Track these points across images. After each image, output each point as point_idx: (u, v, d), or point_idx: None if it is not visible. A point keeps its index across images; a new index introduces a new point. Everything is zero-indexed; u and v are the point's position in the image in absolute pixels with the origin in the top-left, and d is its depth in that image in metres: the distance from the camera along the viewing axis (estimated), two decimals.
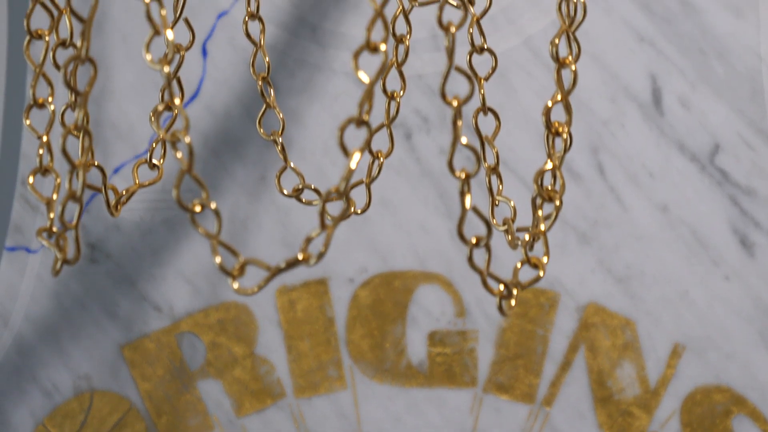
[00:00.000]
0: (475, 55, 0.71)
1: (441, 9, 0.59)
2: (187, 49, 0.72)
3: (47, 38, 0.65)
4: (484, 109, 0.70)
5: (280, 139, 0.75)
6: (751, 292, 0.95)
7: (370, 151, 0.74)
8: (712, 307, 0.96)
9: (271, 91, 0.74)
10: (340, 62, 0.97)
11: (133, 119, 0.97)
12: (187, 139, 0.56)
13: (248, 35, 0.74)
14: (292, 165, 0.75)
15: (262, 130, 0.74)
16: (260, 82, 0.74)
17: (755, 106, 0.95)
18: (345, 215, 0.60)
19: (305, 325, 0.99)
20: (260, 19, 0.74)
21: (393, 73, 0.73)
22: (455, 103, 0.59)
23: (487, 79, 0.71)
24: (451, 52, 0.58)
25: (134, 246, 0.98)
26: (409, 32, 0.73)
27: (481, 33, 0.71)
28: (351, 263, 0.98)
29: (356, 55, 0.57)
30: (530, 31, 0.96)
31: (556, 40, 0.65)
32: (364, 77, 0.56)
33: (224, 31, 0.97)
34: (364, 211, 0.73)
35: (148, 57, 0.58)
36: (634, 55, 0.95)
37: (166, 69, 0.57)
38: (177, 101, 0.58)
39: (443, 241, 0.97)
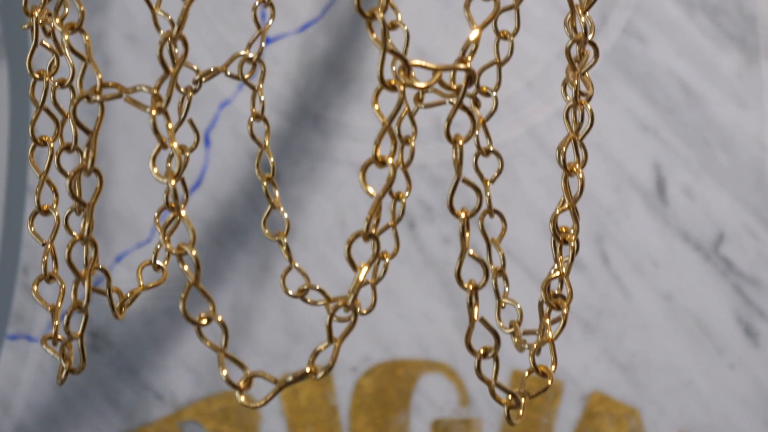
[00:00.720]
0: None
1: (449, 122, 0.59)
2: (192, 150, 0.72)
3: (51, 144, 0.65)
4: (490, 211, 0.70)
5: (285, 239, 0.74)
6: (756, 381, 0.95)
7: (376, 240, 0.74)
8: (716, 396, 0.95)
9: (276, 192, 0.74)
10: (342, 151, 0.97)
11: (135, 207, 0.97)
12: (194, 252, 0.56)
13: (253, 136, 0.74)
14: (297, 265, 0.75)
15: (267, 231, 0.74)
16: (265, 183, 0.74)
17: (759, 196, 0.95)
18: (352, 327, 0.59)
19: (309, 414, 0.98)
20: (265, 120, 0.74)
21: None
22: (463, 215, 0.59)
23: (493, 181, 0.71)
24: (458, 165, 0.58)
25: (136, 334, 0.98)
26: (415, 133, 0.73)
27: (487, 135, 0.71)
28: (354, 352, 0.97)
29: (364, 169, 0.57)
30: (534, 120, 0.96)
31: (564, 148, 0.65)
32: (372, 191, 0.56)
33: (227, 120, 0.97)
34: (369, 311, 0.73)
35: (155, 170, 0.58)
36: (638, 145, 0.95)
37: (173, 182, 0.57)
38: (183, 213, 0.58)
39: (447, 330, 0.97)
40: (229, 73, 0.74)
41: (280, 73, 0.96)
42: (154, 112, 0.57)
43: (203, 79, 0.73)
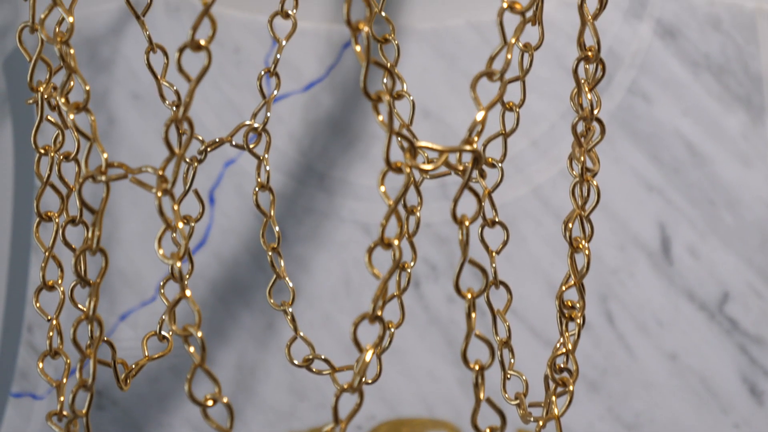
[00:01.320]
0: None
1: (455, 202, 0.59)
2: (197, 220, 0.72)
3: (57, 219, 0.65)
4: (496, 282, 0.70)
5: (290, 309, 0.74)
6: None
7: (381, 322, 0.74)
8: None
9: (282, 261, 0.74)
10: (347, 210, 0.97)
11: (140, 266, 0.97)
12: (199, 334, 0.56)
13: (258, 206, 0.74)
14: (302, 334, 0.75)
15: (272, 300, 0.74)
16: (270, 253, 0.74)
17: (764, 255, 0.95)
18: (358, 409, 0.59)
19: None
20: (270, 190, 0.74)
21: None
22: (469, 296, 0.59)
23: (498, 252, 0.71)
24: (464, 246, 0.58)
25: (141, 393, 0.98)
26: (420, 203, 0.73)
27: (493, 206, 0.71)
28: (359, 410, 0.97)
29: (369, 251, 0.56)
30: (539, 180, 0.96)
31: (570, 224, 0.65)
32: (379, 273, 0.56)
33: (231, 178, 0.97)
34: (375, 380, 0.73)
35: (160, 251, 0.57)
36: (644, 204, 0.95)
37: (179, 264, 0.57)
38: (188, 292, 0.58)
39: (451, 389, 0.96)
40: (234, 143, 0.74)
41: (285, 132, 0.96)
42: (159, 194, 0.57)
43: (208, 149, 0.73)
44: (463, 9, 0.97)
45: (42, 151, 0.65)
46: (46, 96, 0.64)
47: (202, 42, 0.56)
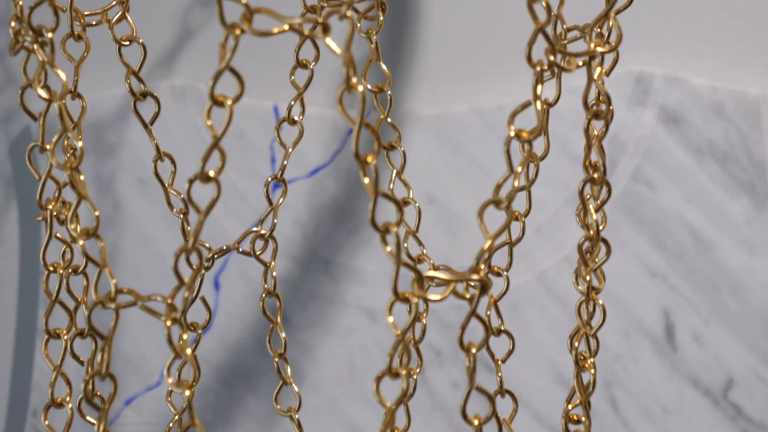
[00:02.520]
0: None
1: (463, 329, 0.59)
2: (204, 327, 0.73)
3: (65, 337, 0.66)
4: (502, 391, 0.70)
5: (297, 415, 0.75)
6: None
7: None
8: None
9: (288, 368, 0.74)
10: (352, 295, 0.97)
11: (145, 351, 0.97)
12: None
13: (264, 311, 0.74)
14: None
15: (278, 407, 0.74)
16: (276, 359, 0.74)
17: None
18: None
19: None
20: (277, 296, 0.75)
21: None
22: (476, 422, 0.59)
23: (504, 361, 0.71)
24: (472, 373, 0.58)
25: None
26: (426, 310, 0.73)
27: (499, 315, 0.71)
28: None
29: (378, 380, 0.57)
30: (543, 266, 0.96)
31: (576, 343, 0.65)
32: (386, 402, 0.56)
33: (237, 263, 0.97)
34: None
35: (170, 380, 0.58)
36: (648, 291, 0.96)
37: (188, 393, 0.57)
38: (197, 421, 0.58)
39: None
40: (240, 249, 0.74)
41: (290, 218, 0.97)
42: (169, 323, 0.57)
43: (215, 256, 0.73)
44: (467, 95, 0.98)
45: (51, 268, 0.65)
46: (55, 213, 0.64)
47: (211, 173, 0.56)
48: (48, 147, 0.63)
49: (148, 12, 0.97)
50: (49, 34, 0.60)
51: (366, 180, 0.55)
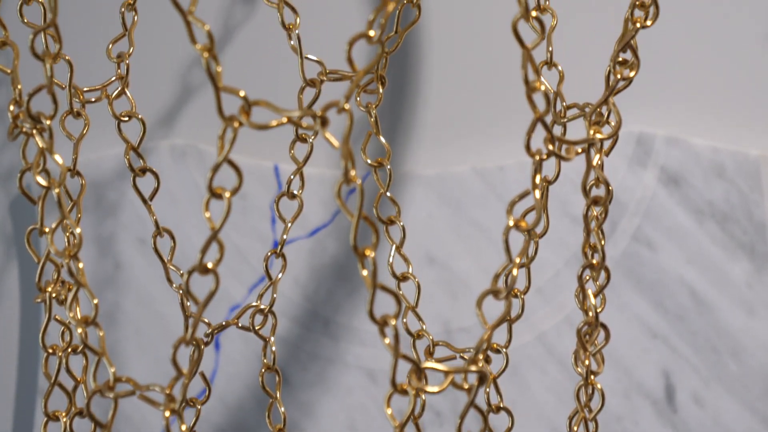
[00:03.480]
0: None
1: (461, 419, 0.59)
2: (203, 403, 0.73)
3: (64, 419, 0.65)
4: None
5: None
6: None
7: None
8: None
9: None
10: (352, 356, 0.97)
11: (146, 411, 0.97)
12: None
13: (264, 387, 0.74)
14: None
15: None
16: None
17: None
18: None
19: None
20: (277, 371, 0.75)
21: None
22: None
23: None
24: None
25: None
26: (426, 383, 0.73)
27: (498, 392, 0.71)
28: None
29: None
30: (543, 327, 0.96)
31: (575, 428, 0.65)
32: None
33: None
34: None
35: None
36: (648, 352, 0.96)
37: None
38: None
39: None
40: (240, 324, 0.74)
41: (290, 277, 0.97)
42: (167, 414, 0.57)
43: (215, 332, 0.73)
44: (468, 155, 0.98)
45: (50, 350, 0.65)
46: (54, 295, 0.64)
47: (210, 265, 0.56)
48: (47, 230, 0.63)
49: (149, 70, 0.98)
50: (48, 121, 0.60)
51: (365, 272, 0.55)
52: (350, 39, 0.56)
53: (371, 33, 0.56)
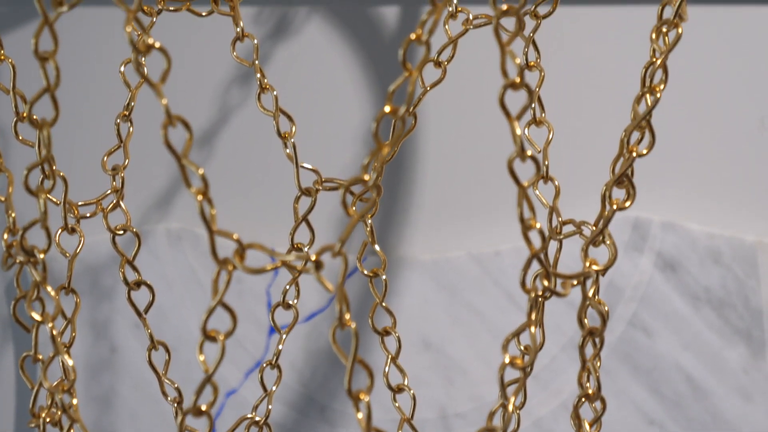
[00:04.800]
0: None
1: None
2: None
3: None
4: None
5: None
6: None
7: None
8: None
9: None
10: None
11: None
12: None
13: None
14: None
15: None
16: None
17: None
18: None
19: None
20: None
21: None
22: None
23: None
24: None
25: None
26: None
27: None
28: None
29: None
30: (540, 413, 0.96)
31: None
32: None
33: (233, 408, 0.97)
34: None
35: None
36: None
37: None
38: None
39: None
40: None
41: (286, 363, 0.96)
42: None
43: None
44: (463, 241, 0.98)
45: None
46: (48, 420, 0.64)
47: (203, 407, 0.56)
48: (40, 357, 0.63)
49: (145, 154, 0.97)
50: (41, 255, 0.60)
51: (360, 415, 0.55)
52: (347, 182, 0.56)
53: (366, 177, 0.56)
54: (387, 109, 0.55)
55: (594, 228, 0.67)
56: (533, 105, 0.75)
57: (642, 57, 0.68)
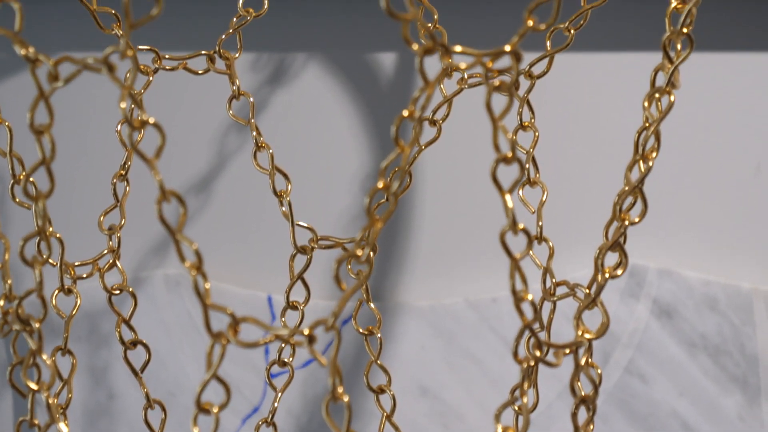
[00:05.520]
0: None
1: None
2: None
3: None
4: None
5: None
6: None
7: None
8: None
9: None
10: None
11: None
12: None
13: None
14: None
15: None
16: None
17: None
18: None
19: None
20: None
21: None
22: None
23: None
24: None
25: None
26: None
27: None
28: None
29: None
30: None
31: None
32: None
33: None
34: None
35: None
36: None
37: None
38: None
39: None
40: None
41: (283, 409, 0.97)
42: None
43: None
44: (460, 287, 0.98)
45: None
46: None
47: None
48: (36, 422, 0.63)
49: (143, 199, 0.98)
50: (36, 324, 0.60)
51: None
52: (338, 258, 0.56)
53: (358, 252, 0.57)
54: (380, 184, 0.56)
55: (588, 291, 0.67)
56: (527, 166, 0.75)
57: (637, 101, 0.68)
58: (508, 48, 0.55)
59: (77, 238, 0.83)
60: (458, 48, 0.55)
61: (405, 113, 0.55)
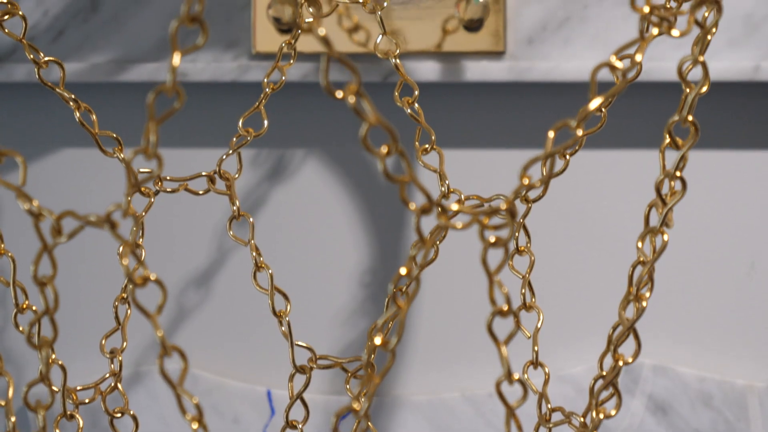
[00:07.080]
0: None
1: None
2: None
3: None
4: None
5: None
6: None
7: None
8: None
9: None
10: None
11: None
12: None
13: None
14: None
15: None
16: None
17: None
18: None
19: None
20: None
21: None
22: None
23: None
24: None
25: None
26: None
27: None
28: None
29: None
30: None
31: None
32: None
33: None
34: None
35: None
36: None
37: None
38: None
39: None
40: None
41: None
42: None
43: None
44: (457, 382, 0.99)
45: None
46: None
47: None
48: None
49: (144, 291, 0.98)
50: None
51: None
52: (337, 412, 0.57)
53: (356, 406, 0.57)
54: (378, 341, 0.57)
55: (582, 420, 0.68)
56: (523, 291, 0.76)
57: (635, 200, 0.69)
58: (503, 206, 0.56)
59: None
60: (454, 207, 0.56)
61: (403, 272, 0.56)
